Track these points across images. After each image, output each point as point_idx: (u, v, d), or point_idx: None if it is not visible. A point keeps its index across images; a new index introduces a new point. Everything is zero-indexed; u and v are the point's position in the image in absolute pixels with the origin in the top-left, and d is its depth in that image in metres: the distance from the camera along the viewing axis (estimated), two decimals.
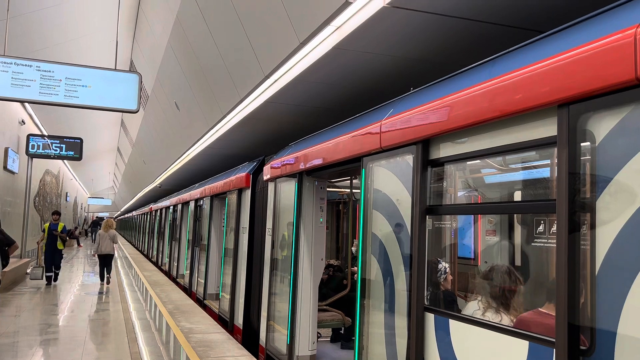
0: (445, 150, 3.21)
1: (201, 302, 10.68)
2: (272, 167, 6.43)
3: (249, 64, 6.41)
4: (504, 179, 4.51)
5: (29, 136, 16.33)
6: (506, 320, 3.10)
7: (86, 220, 53.13)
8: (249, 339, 7.45)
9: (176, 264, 15.00)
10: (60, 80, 7.29)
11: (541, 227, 2.96)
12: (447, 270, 4.00)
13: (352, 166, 4.49)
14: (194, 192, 12.72)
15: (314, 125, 7.09)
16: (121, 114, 23.33)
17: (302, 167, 5.40)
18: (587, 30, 2.29)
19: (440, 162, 3.28)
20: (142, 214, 30.17)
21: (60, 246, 12.79)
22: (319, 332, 6.48)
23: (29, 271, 13.68)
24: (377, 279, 3.86)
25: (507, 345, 2.58)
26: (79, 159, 17.97)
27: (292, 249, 5.60)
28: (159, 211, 20.63)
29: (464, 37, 4.29)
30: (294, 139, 6.50)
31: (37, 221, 19.55)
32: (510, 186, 4.49)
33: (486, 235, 5.42)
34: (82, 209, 48.78)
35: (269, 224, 6.58)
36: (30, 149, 16.25)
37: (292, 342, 5.47)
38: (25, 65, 7.12)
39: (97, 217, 52.56)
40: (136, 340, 6.83)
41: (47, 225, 12.97)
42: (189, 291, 12.31)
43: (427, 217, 3.31)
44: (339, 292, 6.77)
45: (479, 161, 4.05)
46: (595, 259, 2.14)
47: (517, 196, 4.41)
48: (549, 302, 2.81)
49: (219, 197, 10.55)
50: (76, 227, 34.02)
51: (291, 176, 5.84)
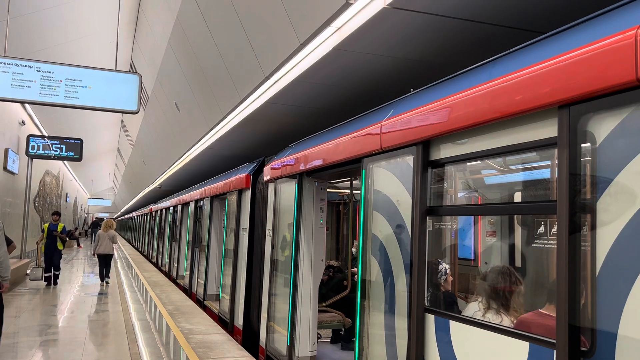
0: (445, 151, 3.21)
1: (201, 303, 10.68)
2: (272, 168, 6.43)
3: (249, 65, 6.41)
4: (504, 180, 4.51)
5: (29, 137, 16.33)
6: (506, 321, 3.10)
7: (86, 220, 53.10)
8: (249, 340, 7.44)
9: (176, 265, 15.00)
10: (60, 81, 7.30)
11: (542, 228, 2.96)
12: (447, 271, 3.99)
13: (352, 167, 4.49)
14: (194, 193, 12.71)
15: (314, 126, 7.10)
16: (121, 114, 23.32)
17: (302, 167, 5.40)
18: (588, 31, 2.29)
19: (440, 163, 3.28)
20: (142, 215, 30.15)
21: (60, 247, 12.80)
22: (319, 333, 6.48)
23: (28, 272, 13.68)
24: (378, 280, 3.86)
25: (507, 346, 2.58)
26: (79, 159, 17.97)
27: (292, 249, 5.60)
28: (159, 212, 20.62)
29: (464, 38, 4.29)
30: (294, 139, 6.50)
31: (37, 222, 19.54)
32: (510, 187, 4.49)
33: (486, 236, 5.42)
34: (82, 209, 48.75)
35: (269, 225, 6.58)
36: (30, 150, 16.24)
37: (292, 343, 5.47)
38: (25, 66, 7.12)
39: (97, 217, 52.51)
40: (136, 341, 6.83)
41: (47, 225, 12.97)
42: (189, 292, 12.31)
43: (428, 218, 3.31)
44: (339, 293, 6.76)
45: (479, 162, 4.05)
46: (595, 260, 2.14)
47: (518, 197, 4.41)
48: (549, 303, 2.81)
49: (219, 198, 10.55)
50: (76, 228, 34.02)
51: (291, 177, 5.84)
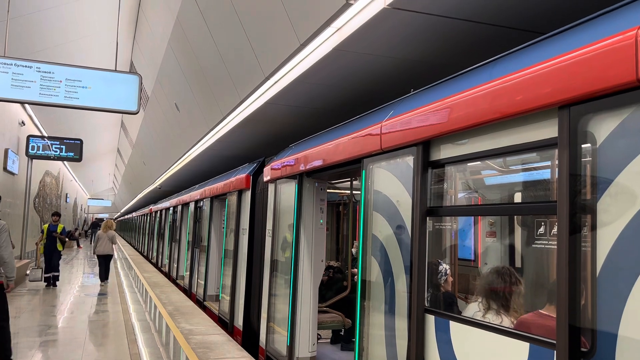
0: (445, 151, 3.21)
1: (201, 304, 10.67)
2: (272, 169, 6.43)
3: (250, 65, 6.41)
4: (504, 181, 4.51)
5: (28, 137, 16.32)
6: (507, 322, 3.09)
7: (86, 221, 53.09)
8: (249, 340, 7.44)
9: (176, 265, 14.99)
10: (60, 81, 7.29)
11: (542, 229, 2.96)
12: (447, 271, 3.99)
13: (352, 167, 4.49)
14: (194, 194, 12.71)
15: (314, 126, 7.09)
16: (121, 115, 23.33)
17: (302, 168, 5.40)
18: (588, 31, 2.29)
19: (440, 164, 3.28)
20: (142, 215, 30.15)
21: (59, 247, 12.80)
22: (319, 334, 6.48)
23: (28, 272, 13.67)
24: (378, 281, 3.85)
25: (507, 347, 2.57)
26: (79, 160, 17.98)
27: (292, 250, 5.59)
28: (159, 212, 20.61)
29: (464, 38, 4.29)
30: (294, 140, 6.50)
31: (37, 222, 19.53)
32: (510, 188, 4.49)
33: (486, 236, 5.41)
34: (82, 210, 48.76)
35: (269, 225, 6.58)
36: (30, 150, 16.24)
37: (292, 343, 5.46)
38: (25, 66, 7.12)
39: (96, 218, 52.51)
40: (136, 341, 6.82)
41: (47, 226, 12.97)
42: (188, 292, 12.30)
43: (428, 218, 3.31)
44: (339, 293, 6.76)
45: (479, 163, 4.05)
46: (596, 260, 2.13)
47: (518, 198, 4.41)
48: (549, 304, 2.81)
49: (219, 198, 10.55)
50: (76, 229, 34.01)
51: (291, 177, 5.84)
